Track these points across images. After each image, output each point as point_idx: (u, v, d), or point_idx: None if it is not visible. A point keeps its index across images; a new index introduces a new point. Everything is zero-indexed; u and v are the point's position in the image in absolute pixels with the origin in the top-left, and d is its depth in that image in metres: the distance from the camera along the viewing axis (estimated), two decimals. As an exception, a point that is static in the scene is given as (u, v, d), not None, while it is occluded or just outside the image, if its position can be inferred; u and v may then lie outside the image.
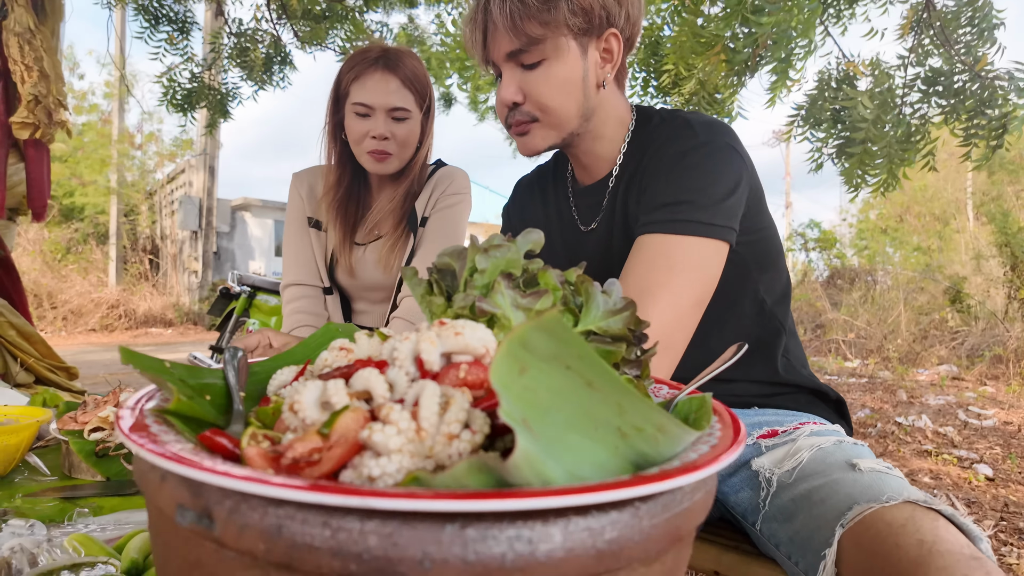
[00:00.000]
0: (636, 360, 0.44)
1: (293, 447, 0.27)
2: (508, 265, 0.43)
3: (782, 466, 0.83)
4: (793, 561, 0.76)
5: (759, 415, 0.95)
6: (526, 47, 0.87)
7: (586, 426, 0.29)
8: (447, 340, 0.33)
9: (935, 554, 0.59)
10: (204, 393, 0.39)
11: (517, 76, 0.90)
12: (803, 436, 0.86)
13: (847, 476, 0.75)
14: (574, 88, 0.90)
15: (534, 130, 0.93)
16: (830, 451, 0.82)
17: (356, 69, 1.28)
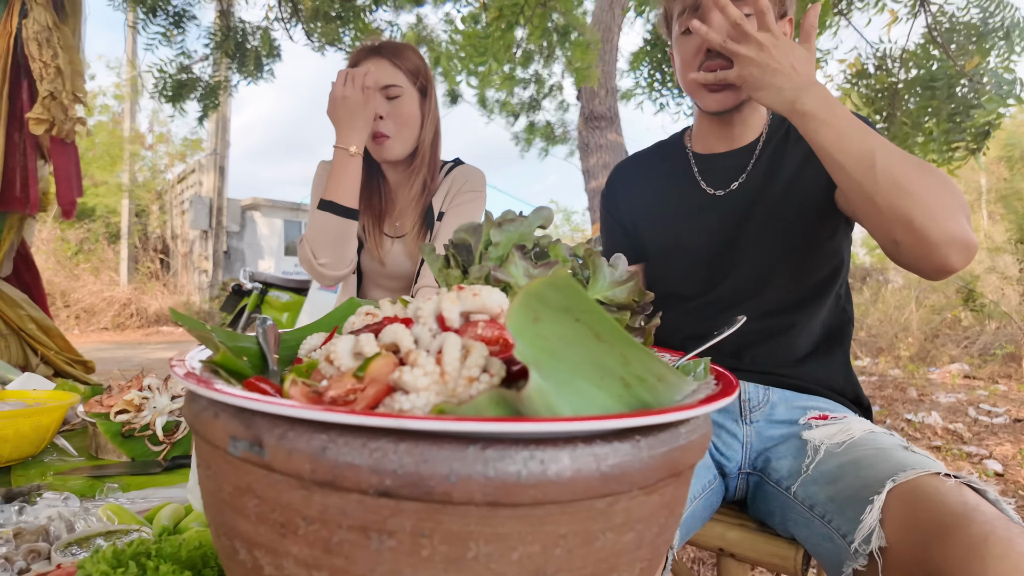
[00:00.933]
0: (640, 328, 0.47)
1: (332, 387, 0.30)
2: (521, 238, 0.46)
3: (833, 439, 0.88)
4: (826, 519, 0.80)
5: (812, 400, 1.00)
6: None
7: (593, 374, 0.32)
8: (466, 301, 0.36)
9: (978, 512, 0.63)
10: (241, 355, 0.42)
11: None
12: (854, 421, 0.92)
13: (899, 451, 0.80)
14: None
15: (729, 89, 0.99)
16: (881, 435, 0.87)
17: (353, 61, 1.34)
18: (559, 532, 0.28)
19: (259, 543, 0.29)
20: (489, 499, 0.26)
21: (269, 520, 0.29)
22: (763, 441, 0.98)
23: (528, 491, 0.26)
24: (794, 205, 1.00)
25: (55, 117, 1.94)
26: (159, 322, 11.58)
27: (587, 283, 0.47)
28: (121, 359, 6.61)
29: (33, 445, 0.99)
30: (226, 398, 0.28)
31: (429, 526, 0.26)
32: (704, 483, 0.95)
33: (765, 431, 0.98)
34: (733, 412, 1.01)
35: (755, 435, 0.99)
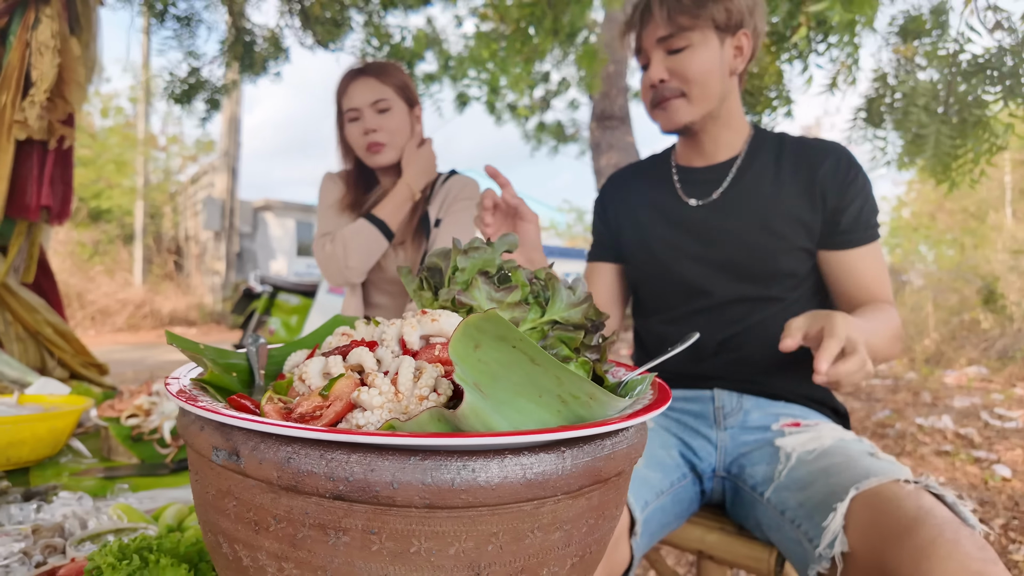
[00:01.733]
0: (596, 346, 0.52)
1: (300, 405, 0.35)
2: (484, 264, 0.51)
3: (805, 446, 0.93)
4: (796, 524, 0.84)
5: (785, 407, 1.05)
6: (675, 32, 1.05)
7: (532, 392, 0.36)
8: (425, 325, 0.41)
9: (930, 515, 0.68)
10: (231, 371, 0.47)
11: (664, 59, 1.07)
12: (826, 428, 0.97)
13: (866, 459, 0.84)
14: (713, 69, 1.06)
15: (679, 105, 1.08)
16: (851, 442, 0.92)
17: (342, 85, 1.44)
18: (491, 531, 0.32)
19: (238, 538, 0.34)
20: (427, 502, 0.30)
21: (245, 519, 0.33)
22: (737, 446, 1.02)
23: (461, 495, 0.30)
24: (766, 227, 1.05)
25: (27, 117, 2.01)
26: (172, 323, 11.75)
27: (547, 304, 0.51)
28: (135, 361, 6.74)
29: (49, 447, 1.05)
30: (208, 414, 0.33)
31: (377, 525, 0.31)
32: (672, 479, 0.99)
33: (739, 436, 1.02)
34: (707, 418, 1.05)
35: (729, 440, 1.03)
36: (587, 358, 0.51)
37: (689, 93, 1.07)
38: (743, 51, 1.09)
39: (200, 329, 11.70)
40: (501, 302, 0.49)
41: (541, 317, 0.51)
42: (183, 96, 3.12)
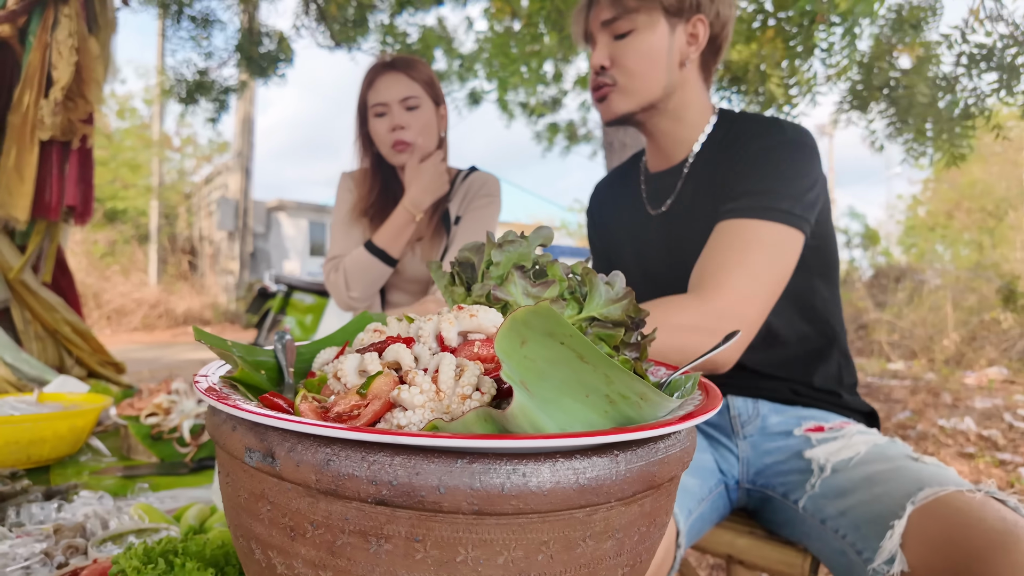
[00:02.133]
0: (636, 344, 0.49)
1: (337, 403, 0.33)
2: (520, 258, 0.49)
3: (838, 455, 0.87)
4: (840, 534, 0.79)
5: (806, 411, 0.99)
6: (620, 16, 0.98)
7: (578, 392, 0.34)
8: (463, 321, 0.39)
9: (1020, 528, 0.62)
10: (259, 368, 0.46)
11: (608, 44, 1.01)
12: (853, 434, 0.90)
13: (911, 464, 0.79)
14: (658, 58, 0.98)
15: (612, 94, 1.02)
16: (886, 446, 0.86)
17: (369, 78, 1.41)
18: (541, 539, 0.30)
19: (272, 544, 0.32)
20: (475, 508, 0.28)
21: (280, 524, 0.32)
22: (760, 456, 0.98)
23: (511, 501, 0.29)
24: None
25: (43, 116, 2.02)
26: (187, 322, 11.85)
27: (584, 300, 0.49)
28: (151, 360, 6.79)
29: (69, 445, 1.04)
30: (242, 414, 0.31)
31: (422, 532, 0.29)
32: (710, 486, 0.96)
33: (761, 445, 0.98)
34: (725, 428, 1.01)
35: (751, 450, 0.99)
36: (627, 356, 0.49)
37: (624, 84, 1.00)
38: (698, 39, 1.00)
39: (214, 328, 11.78)
40: (538, 298, 0.47)
41: (579, 313, 0.49)
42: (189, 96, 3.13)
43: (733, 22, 1.03)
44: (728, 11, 1.00)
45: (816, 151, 0.94)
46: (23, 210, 2.24)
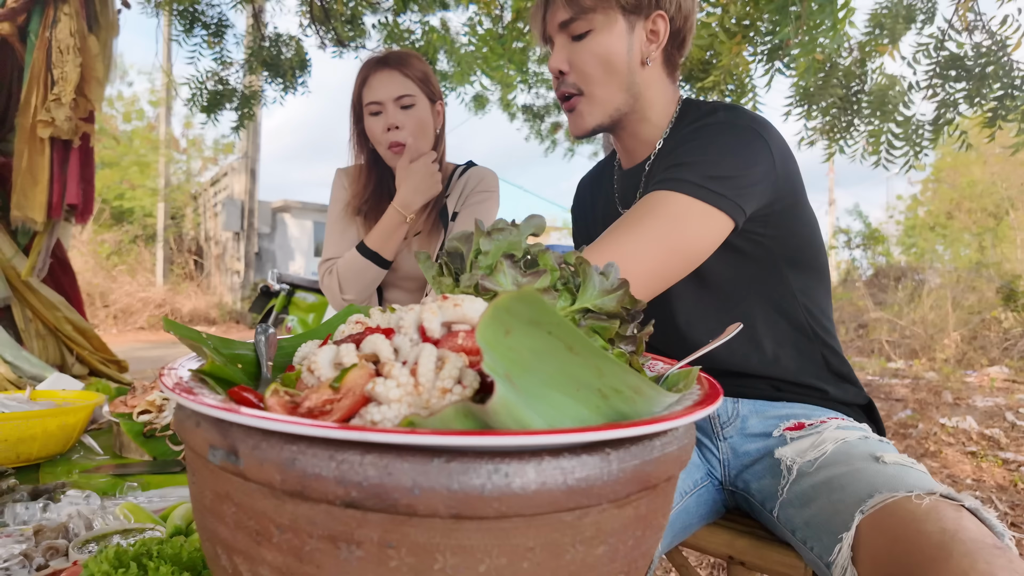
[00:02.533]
0: (631, 336, 0.47)
1: (308, 398, 0.31)
2: (510, 247, 0.47)
3: (805, 456, 0.83)
4: (808, 546, 0.76)
5: (787, 407, 0.95)
6: (577, 16, 0.93)
7: (568, 385, 0.32)
8: (447, 311, 0.37)
9: (957, 541, 0.58)
10: (236, 362, 0.44)
11: (566, 47, 0.96)
12: (829, 429, 0.86)
13: (869, 466, 0.74)
14: (617, 60, 0.93)
15: (580, 106, 0.97)
16: (854, 444, 0.81)
17: (363, 75, 1.37)
18: (526, 545, 0.28)
19: (237, 549, 0.30)
20: (453, 512, 0.26)
21: (246, 527, 0.29)
22: (739, 458, 0.95)
23: (492, 504, 0.26)
24: None
25: (55, 117, 2.01)
26: (192, 322, 11.88)
27: (577, 291, 0.47)
28: (156, 359, 6.80)
29: (60, 443, 1.02)
30: (204, 408, 0.29)
31: (396, 537, 0.27)
32: (696, 479, 0.93)
33: (740, 447, 0.95)
34: (705, 429, 0.98)
35: (731, 451, 0.96)
36: (622, 350, 0.47)
37: (588, 91, 0.95)
38: (659, 35, 0.95)
39: (220, 328, 11.81)
40: (528, 288, 0.44)
41: (572, 305, 0.46)
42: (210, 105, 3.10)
43: (695, 13, 0.98)
44: (689, 3, 0.96)
45: (759, 136, 0.87)
46: (39, 211, 2.24)
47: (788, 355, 0.96)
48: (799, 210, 0.93)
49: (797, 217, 0.93)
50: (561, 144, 8.98)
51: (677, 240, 0.81)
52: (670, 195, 0.82)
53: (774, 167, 0.87)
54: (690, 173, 0.82)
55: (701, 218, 0.82)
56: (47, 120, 1.99)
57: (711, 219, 0.82)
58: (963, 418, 4.20)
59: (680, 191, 0.81)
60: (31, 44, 2.22)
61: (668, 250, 0.81)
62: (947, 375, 5.96)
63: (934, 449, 3.55)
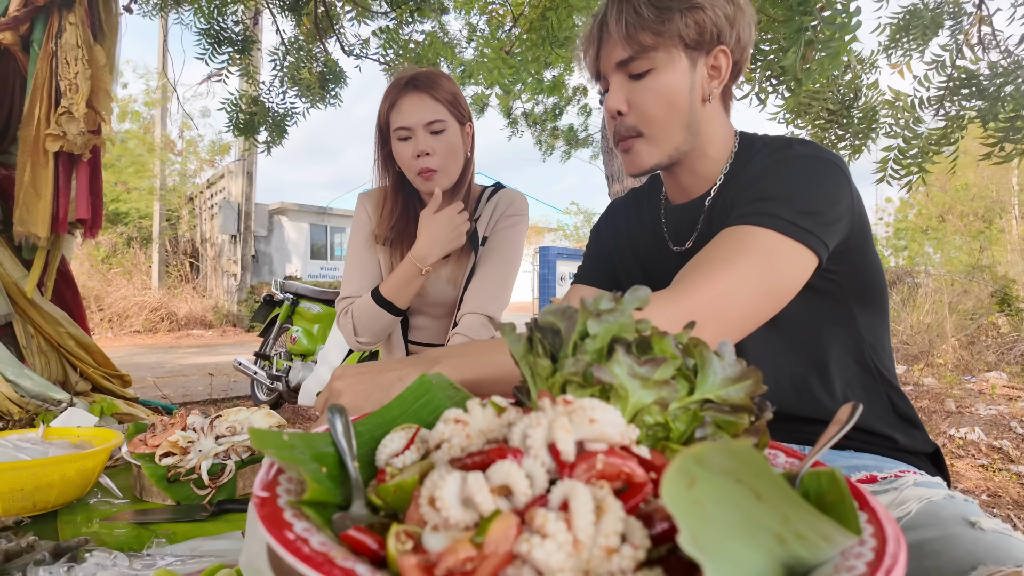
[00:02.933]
0: (753, 427, 0.42)
1: (446, 559, 0.26)
2: (621, 330, 0.42)
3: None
4: None
5: (856, 458, 0.90)
6: (637, 55, 0.88)
7: (745, 533, 0.27)
8: (581, 427, 0.32)
9: None
10: (321, 463, 0.39)
11: (625, 86, 0.91)
12: (908, 486, 0.81)
13: (967, 532, 0.69)
14: (680, 99, 0.89)
15: (638, 146, 0.93)
16: (942, 504, 0.76)
17: (391, 98, 1.31)
18: None
19: None
20: None
21: None
22: None
23: None
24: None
25: (66, 131, 1.95)
26: (189, 325, 11.79)
27: (694, 376, 0.42)
28: (153, 365, 6.73)
29: (78, 489, 0.97)
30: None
31: None
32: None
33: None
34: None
35: None
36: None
37: (648, 133, 0.91)
38: (720, 71, 0.91)
39: (216, 331, 11.74)
40: (647, 379, 0.40)
41: (690, 395, 0.41)
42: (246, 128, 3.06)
43: (752, 43, 0.94)
44: (748, 34, 0.91)
45: (841, 171, 0.84)
46: (43, 226, 2.18)
47: (858, 398, 0.91)
48: (868, 246, 0.90)
49: (866, 253, 0.90)
50: (559, 148, 8.95)
51: (772, 280, 0.77)
52: (760, 231, 0.77)
53: (853, 202, 0.84)
54: (780, 208, 0.78)
55: (792, 256, 0.78)
56: (57, 134, 1.93)
57: (801, 257, 0.78)
58: (971, 429, 4.18)
59: (771, 227, 0.77)
60: (34, 54, 2.16)
61: (764, 291, 0.76)
62: (950, 383, 5.95)
63: (947, 463, 3.52)
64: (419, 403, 0.49)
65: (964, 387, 5.82)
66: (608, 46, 0.90)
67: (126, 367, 2.85)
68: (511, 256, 1.35)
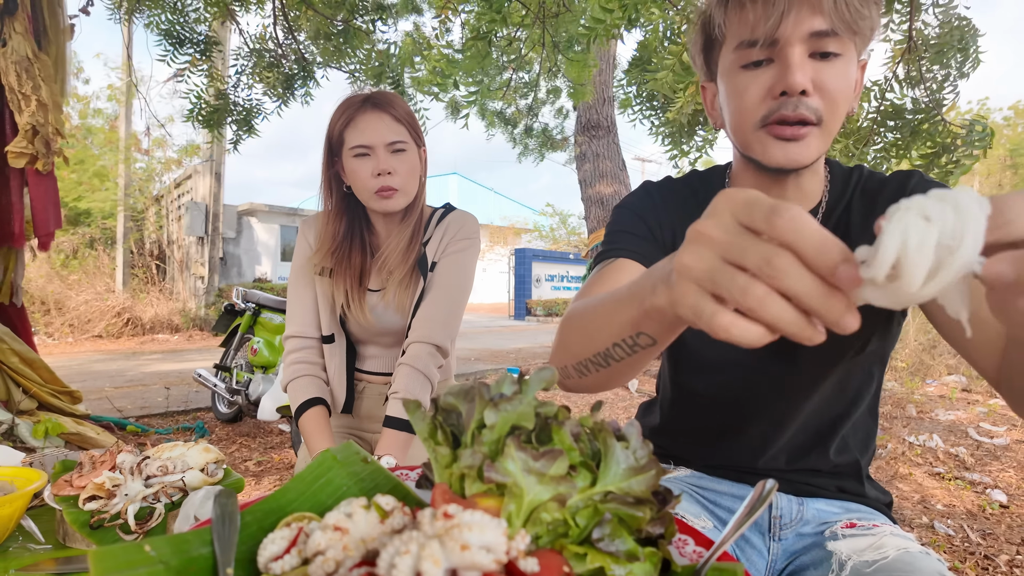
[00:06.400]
0: (659, 517, 0.41)
1: None
2: (519, 419, 0.40)
3: (862, 555, 0.78)
4: None
5: (845, 511, 0.91)
6: (839, 31, 0.74)
7: None
8: (452, 555, 0.30)
9: None
10: (188, 574, 0.36)
11: (808, 63, 0.76)
12: (886, 535, 0.81)
13: None
14: (850, 98, 0.79)
15: (812, 137, 0.78)
16: (918, 557, 0.76)
17: (347, 115, 1.27)
18: None
19: None
20: None
21: None
22: (787, 556, 0.90)
23: None
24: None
25: (38, 151, 1.88)
26: (154, 329, 11.51)
27: (597, 465, 0.40)
28: (114, 373, 6.52)
29: (-6, 536, 0.92)
30: None
31: None
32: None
33: (792, 546, 0.90)
34: (761, 526, 0.91)
35: (781, 551, 0.90)
36: (651, 534, 0.40)
37: (826, 122, 0.77)
38: (859, 83, 0.83)
39: (183, 335, 11.47)
40: (543, 475, 0.38)
41: (592, 486, 0.40)
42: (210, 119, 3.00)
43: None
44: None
45: None
46: None
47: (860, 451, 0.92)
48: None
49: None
50: (533, 150, 8.94)
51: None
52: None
53: None
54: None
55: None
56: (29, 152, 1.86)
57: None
58: (929, 436, 4.27)
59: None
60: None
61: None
62: (912, 388, 6.09)
63: (904, 471, 3.60)
64: (318, 484, 0.46)
65: (924, 391, 5.96)
66: (804, 11, 0.75)
67: (83, 375, 2.76)
68: (461, 282, 1.32)
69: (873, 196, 0.87)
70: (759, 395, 0.90)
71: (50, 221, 2.07)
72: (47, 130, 1.90)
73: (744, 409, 0.92)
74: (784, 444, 0.91)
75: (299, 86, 3.24)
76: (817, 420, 0.91)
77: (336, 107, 1.31)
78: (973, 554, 2.49)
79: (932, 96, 1.96)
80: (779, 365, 0.87)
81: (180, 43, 2.89)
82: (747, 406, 0.91)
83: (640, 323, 0.53)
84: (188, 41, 2.92)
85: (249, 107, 3.14)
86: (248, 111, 3.13)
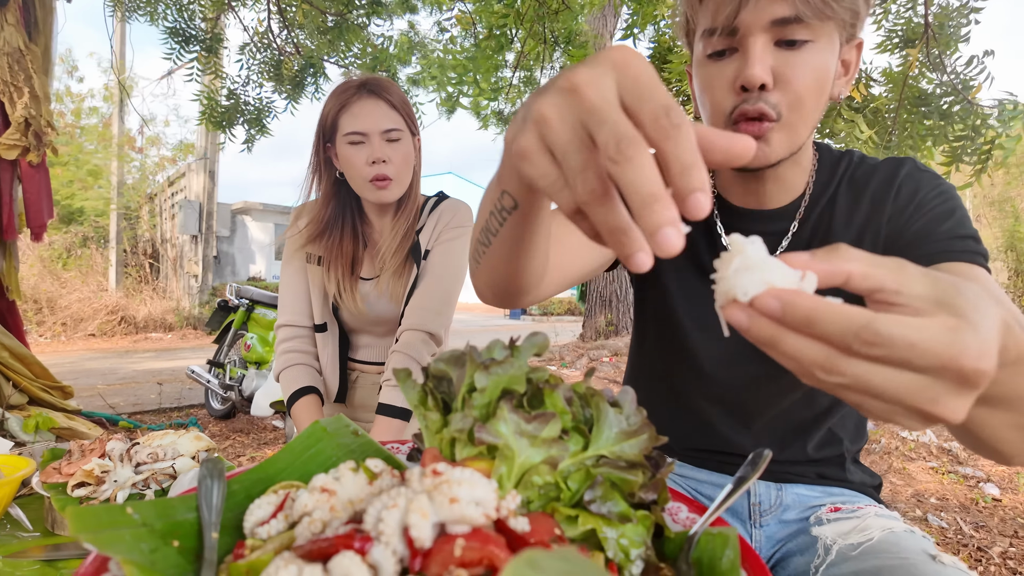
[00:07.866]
0: (651, 483, 0.40)
1: None
2: (510, 382, 0.39)
3: (847, 538, 0.77)
4: None
5: (829, 495, 0.90)
6: (804, 17, 0.69)
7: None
8: (441, 508, 0.29)
9: None
10: (173, 537, 0.35)
11: (771, 53, 0.71)
12: (870, 516, 0.80)
13: (928, 564, 0.68)
14: (825, 87, 0.74)
15: (774, 134, 0.73)
16: (903, 536, 0.75)
17: (342, 100, 1.25)
18: None
19: None
20: None
21: None
22: (772, 545, 0.88)
23: None
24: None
25: (30, 143, 1.86)
26: (148, 328, 11.44)
27: (589, 430, 0.40)
28: (106, 371, 6.48)
29: (-19, 524, 0.91)
30: None
31: None
32: None
33: (777, 533, 0.89)
34: (741, 514, 0.90)
35: (765, 539, 0.89)
36: (643, 500, 0.40)
37: (788, 119, 0.73)
38: (849, 68, 0.78)
39: (177, 334, 11.41)
40: (535, 437, 0.37)
41: (584, 450, 0.39)
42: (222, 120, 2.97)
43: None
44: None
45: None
46: None
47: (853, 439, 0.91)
48: None
49: None
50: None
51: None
52: (984, 272, 0.71)
53: None
54: (981, 247, 0.74)
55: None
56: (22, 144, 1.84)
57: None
58: (923, 431, 4.29)
59: (985, 269, 0.72)
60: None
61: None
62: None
63: (898, 465, 3.61)
64: (308, 454, 0.46)
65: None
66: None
67: (76, 373, 2.74)
68: (455, 271, 1.32)
69: (861, 185, 0.84)
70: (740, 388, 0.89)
71: (43, 212, 2.06)
72: (39, 122, 1.88)
73: (724, 402, 0.90)
74: (766, 436, 0.90)
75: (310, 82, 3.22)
76: (800, 414, 0.89)
77: (331, 92, 1.29)
78: (967, 546, 2.50)
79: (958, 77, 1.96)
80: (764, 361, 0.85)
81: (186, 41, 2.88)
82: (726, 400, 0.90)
83: (501, 178, 0.49)
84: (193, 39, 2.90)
85: (260, 106, 3.12)
86: (259, 110, 3.11)
